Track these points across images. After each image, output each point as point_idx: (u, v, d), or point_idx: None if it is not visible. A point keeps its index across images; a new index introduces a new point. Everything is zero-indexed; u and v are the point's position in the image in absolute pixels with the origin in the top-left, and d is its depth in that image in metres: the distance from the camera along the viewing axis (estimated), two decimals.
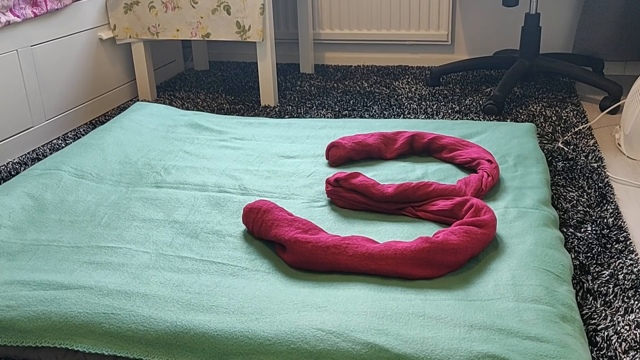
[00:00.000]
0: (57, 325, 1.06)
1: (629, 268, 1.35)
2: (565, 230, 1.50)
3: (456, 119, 2.26)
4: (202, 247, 1.30)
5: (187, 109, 2.52)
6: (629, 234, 1.48)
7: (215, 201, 1.50)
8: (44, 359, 1.06)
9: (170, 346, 1.01)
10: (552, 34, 2.90)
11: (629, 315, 1.20)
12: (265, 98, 2.53)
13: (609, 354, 1.11)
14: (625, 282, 1.30)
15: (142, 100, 2.67)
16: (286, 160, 1.75)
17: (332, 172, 1.64)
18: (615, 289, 1.28)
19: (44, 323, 1.06)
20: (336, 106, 2.49)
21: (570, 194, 1.69)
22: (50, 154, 2.11)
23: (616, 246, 1.43)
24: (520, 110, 2.36)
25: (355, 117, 2.35)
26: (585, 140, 2.05)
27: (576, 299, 1.21)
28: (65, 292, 1.13)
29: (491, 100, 2.33)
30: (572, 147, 2.00)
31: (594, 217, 1.56)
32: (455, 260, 1.19)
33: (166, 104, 2.51)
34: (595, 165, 1.86)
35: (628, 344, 1.12)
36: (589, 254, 1.41)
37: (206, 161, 1.74)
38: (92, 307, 1.08)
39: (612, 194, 1.68)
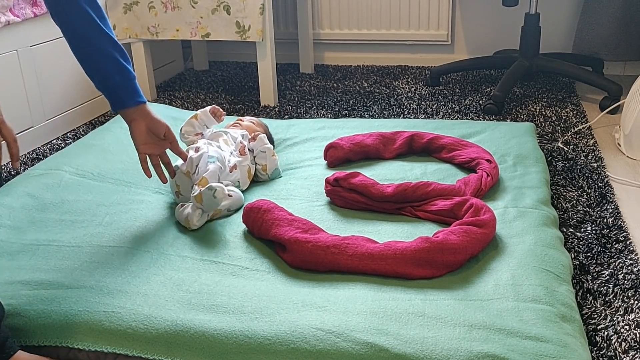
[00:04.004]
0: (58, 324, 1.06)
1: (629, 268, 1.35)
2: (565, 230, 1.51)
3: (456, 119, 2.26)
4: (202, 247, 1.30)
5: (187, 108, 2.52)
6: (628, 234, 1.48)
7: None
8: None
9: (170, 345, 1.02)
10: (552, 34, 2.90)
11: (629, 315, 1.20)
12: (265, 98, 2.53)
13: (608, 353, 1.11)
14: (625, 281, 1.30)
15: None
16: (286, 160, 1.75)
17: (331, 173, 1.64)
18: (615, 289, 1.28)
19: (44, 322, 1.06)
20: (336, 106, 2.49)
21: (570, 193, 1.69)
22: (50, 154, 2.11)
23: (616, 246, 1.44)
24: (520, 110, 2.36)
25: (355, 117, 2.35)
26: (585, 140, 2.05)
27: (576, 299, 1.21)
28: (65, 291, 1.13)
29: (491, 100, 2.33)
30: (572, 147, 2.00)
31: (593, 217, 1.56)
32: (455, 260, 1.19)
33: (166, 104, 2.51)
34: (595, 165, 1.86)
35: (628, 344, 1.12)
36: (588, 254, 1.41)
37: None
38: (93, 306, 1.08)
39: (612, 193, 1.68)
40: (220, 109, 1.67)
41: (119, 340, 1.03)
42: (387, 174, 1.62)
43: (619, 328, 1.17)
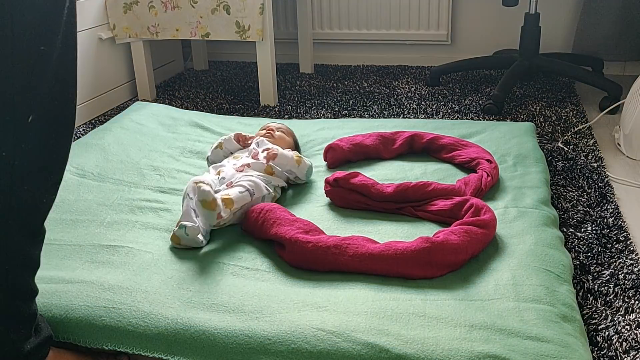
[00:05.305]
0: (58, 319, 1.06)
1: (629, 268, 1.35)
2: (565, 230, 1.51)
3: (456, 119, 2.26)
4: (203, 246, 1.30)
5: (187, 108, 2.52)
6: (629, 234, 1.48)
7: None
8: None
9: (170, 343, 1.01)
10: (551, 34, 2.90)
11: (630, 315, 1.20)
12: (264, 98, 2.52)
13: (609, 353, 1.11)
14: (626, 281, 1.30)
15: (141, 100, 2.67)
16: None
17: (331, 173, 1.64)
18: (616, 289, 1.28)
19: (44, 316, 1.05)
20: (336, 106, 2.49)
21: (570, 193, 1.69)
22: None
23: (616, 246, 1.44)
24: (520, 110, 2.36)
25: (355, 117, 2.35)
26: (585, 140, 2.05)
27: (577, 299, 1.21)
28: (66, 285, 1.13)
29: (491, 100, 2.33)
30: (571, 146, 2.00)
31: (594, 217, 1.56)
32: (456, 260, 1.19)
33: (166, 104, 2.51)
34: (595, 165, 1.86)
35: (629, 344, 1.12)
36: (589, 254, 1.41)
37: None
38: (93, 301, 1.08)
39: (612, 193, 1.68)
40: (245, 135, 1.63)
41: (118, 336, 1.03)
42: (387, 174, 1.62)
43: (619, 328, 1.17)
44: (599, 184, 1.73)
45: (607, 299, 1.25)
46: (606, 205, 1.62)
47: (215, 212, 1.27)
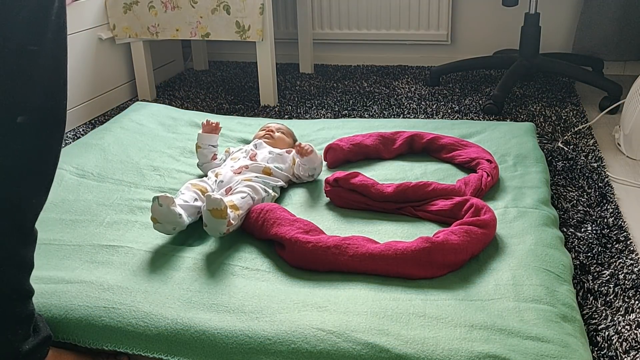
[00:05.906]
0: (57, 319, 1.06)
1: (630, 268, 1.35)
2: (565, 230, 1.50)
3: (456, 119, 2.26)
4: (202, 246, 1.30)
5: (187, 108, 2.51)
6: (629, 234, 1.48)
7: None
8: None
9: (170, 343, 1.01)
10: (551, 33, 2.90)
11: (630, 315, 1.20)
12: (264, 98, 2.52)
13: (609, 353, 1.11)
14: (626, 281, 1.30)
15: (141, 100, 2.66)
16: None
17: (331, 173, 1.64)
18: (616, 289, 1.28)
19: (43, 316, 1.05)
20: (336, 106, 2.49)
21: (570, 193, 1.69)
22: None
23: (616, 246, 1.44)
24: (520, 110, 2.36)
25: (355, 117, 2.35)
26: (585, 140, 2.05)
27: (577, 299, 1.21)
28: (65, 285, 1.13)
29: (491, 100, 2.33)
30: (571, 146, 2.00)
31: (594, 217, 1.56)
32: (456, 260, 1.19)
33: (165, 104, 2.51)
34: (595, 165, 1.86)
35: (629, 344, 1.12)
36: (589, 254, 1.41)
37: None
38: (93, 301, 1.08)
39: (612, 193, 1.68)
40: (209, 120, 1.65)
41: (118, 336, 1.03)
42: (387, 174, 1.62)
43: (619, 328, 1.16)
44: (599, 184, 1.73)
45: (607, 299, 1.25)
46: (606, 205, 1.62)
47: (226, 220, 1.26)
